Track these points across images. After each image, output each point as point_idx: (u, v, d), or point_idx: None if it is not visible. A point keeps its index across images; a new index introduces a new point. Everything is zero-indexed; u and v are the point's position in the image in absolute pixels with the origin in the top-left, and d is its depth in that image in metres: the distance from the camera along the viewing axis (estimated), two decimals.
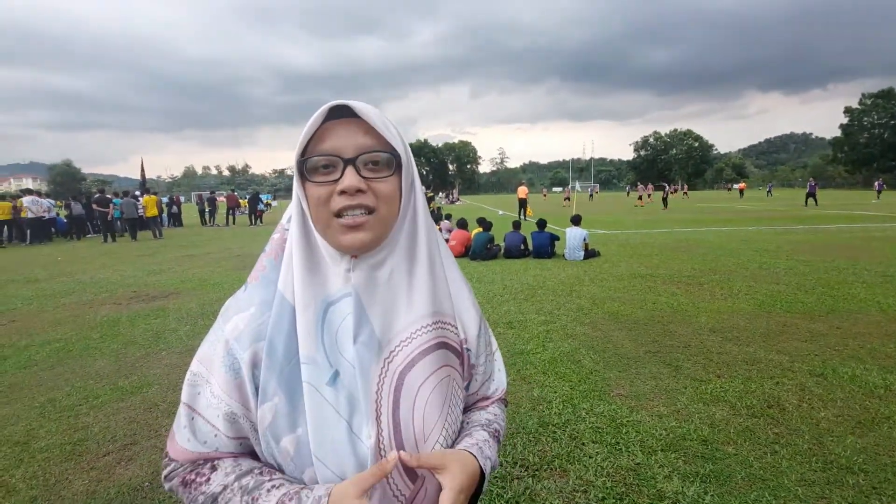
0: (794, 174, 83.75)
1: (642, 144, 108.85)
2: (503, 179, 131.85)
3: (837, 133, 71.52)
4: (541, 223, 9.46)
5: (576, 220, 9.13)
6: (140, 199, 16.76)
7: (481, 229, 9.44)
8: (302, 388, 0.65)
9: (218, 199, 25.07)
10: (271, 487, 0.63)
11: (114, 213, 15.47)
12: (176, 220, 21.86)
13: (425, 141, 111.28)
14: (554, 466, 2.39)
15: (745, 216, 18.51)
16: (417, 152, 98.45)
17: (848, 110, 69.27)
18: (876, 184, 32.86)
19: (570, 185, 55.74)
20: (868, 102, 67.70)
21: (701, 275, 6.92)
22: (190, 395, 0.69)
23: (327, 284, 0.68)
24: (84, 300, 6.47)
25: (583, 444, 2.58)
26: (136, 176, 36.40)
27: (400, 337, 0.69)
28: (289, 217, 0.72)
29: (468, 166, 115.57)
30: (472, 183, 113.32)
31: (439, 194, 49.16)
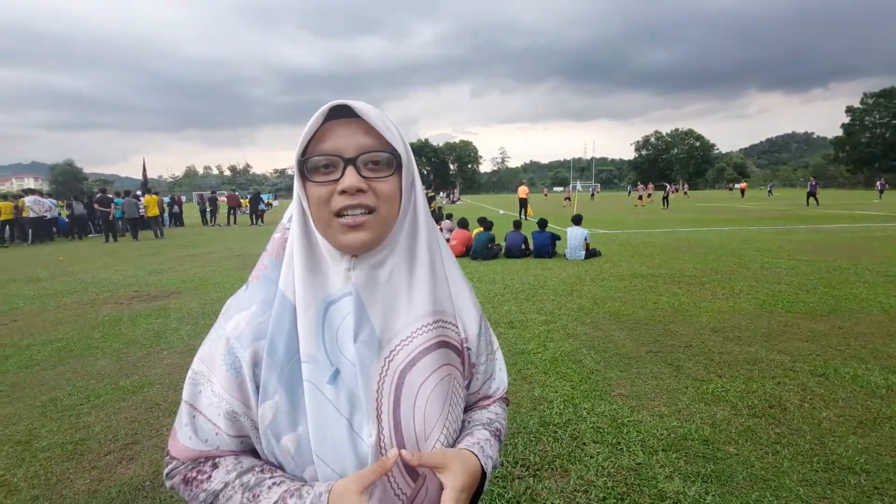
0: (795, 174, 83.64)
1: (643, 144, 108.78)
2: (504, 179, 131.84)
3: (839, 132, 71.51)
4: (542, 223, 9.45)
5: (577, 220, 9.12)
6: (141, 198, 16.81)
7: (482, 229, 9.44)
8: (303, 387, 0.65)
9: (219, 198, 25.12)
10: (272, 484, 0.63)
11: (115, 213, 15.49)
12: (177, 219, 21.89)
13: (426, 140, 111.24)
14: (555, 466, 2.39)
15: (746, 216, 18.47)
16: (418, 152, 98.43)
17: (850, 110, 69.17)
18: (878, 183, 32.66)
19: (570, 185, 55.67)
20: (870, 102, 67.61)
21: (702, 274, 6.91)
22: (191, 393, 0.69)
23: (328, 283, 0.68)
24: (85, 300, 6.48)
25: (584, 443, 2.58)
26: (138, 176, 36.43)
27: (400, 336, 0.69)
28: (290, 216, 0.72)
29: (469, 166, 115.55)
30: (472, 183, 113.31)
31: (440, 194, 49.19)
